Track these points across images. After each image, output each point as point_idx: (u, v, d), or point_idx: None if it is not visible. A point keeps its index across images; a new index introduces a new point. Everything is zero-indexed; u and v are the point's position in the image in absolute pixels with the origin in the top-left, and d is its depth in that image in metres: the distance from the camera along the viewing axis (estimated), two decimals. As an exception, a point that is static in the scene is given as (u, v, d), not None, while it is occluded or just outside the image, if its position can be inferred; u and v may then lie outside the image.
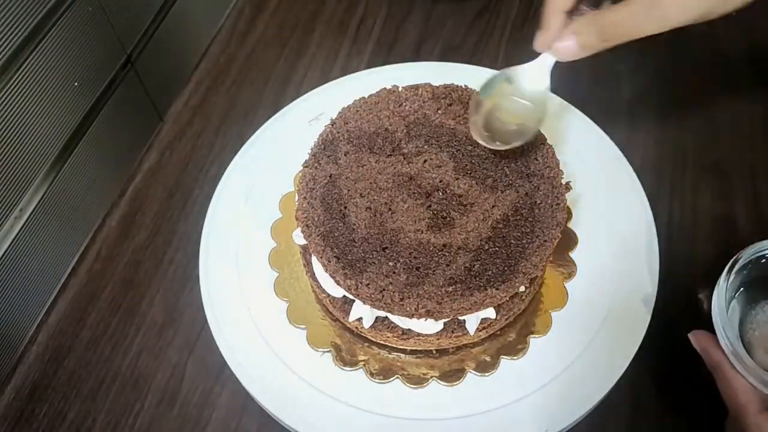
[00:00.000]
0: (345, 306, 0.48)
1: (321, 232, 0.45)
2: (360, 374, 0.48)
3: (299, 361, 0.48)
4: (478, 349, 0.49)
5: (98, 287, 0.57)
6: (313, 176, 0.48)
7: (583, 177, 0.55)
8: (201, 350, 0.52)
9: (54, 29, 0.52)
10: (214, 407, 0.50)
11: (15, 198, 0.51)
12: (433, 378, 0.47)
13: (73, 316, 0.55)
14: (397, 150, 0.48)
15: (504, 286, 0.43)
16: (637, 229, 0.53)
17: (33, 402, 0.51)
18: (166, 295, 0.56)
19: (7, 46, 0.48)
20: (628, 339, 0.47)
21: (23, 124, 0.50)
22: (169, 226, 0.60)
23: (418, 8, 0.75)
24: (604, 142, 0.57)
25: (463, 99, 0.51)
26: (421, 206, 0.46)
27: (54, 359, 0.53)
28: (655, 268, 0.50)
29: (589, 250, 0.52)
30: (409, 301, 0.42)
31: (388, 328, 0.47)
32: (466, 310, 0.43)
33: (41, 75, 0.51)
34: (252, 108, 0.67)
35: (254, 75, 0.70)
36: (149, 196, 0.62)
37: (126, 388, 0.51)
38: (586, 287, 0.51)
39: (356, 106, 0.51)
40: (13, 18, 0.48)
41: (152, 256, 0.58)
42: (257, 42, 0.73)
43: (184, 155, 0.64)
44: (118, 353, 0.53)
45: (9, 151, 0.49)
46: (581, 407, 0.45)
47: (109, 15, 0.59)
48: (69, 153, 0.56)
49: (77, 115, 0.57)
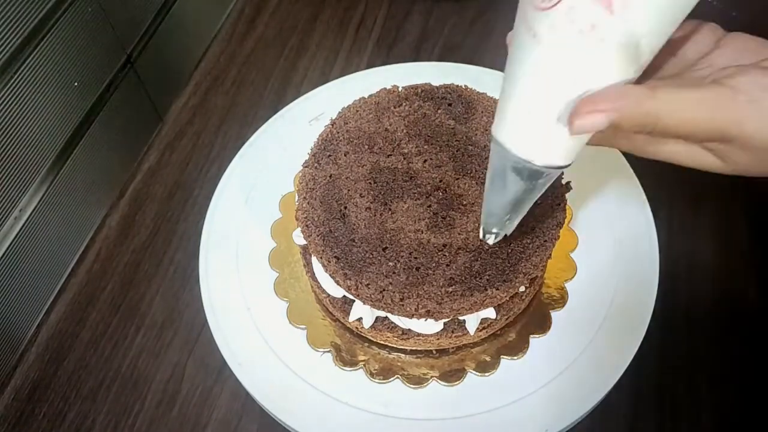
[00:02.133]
0: (345, 306, 0.48)
1: (321, 232, 0.45)
2: (360, 374, 0.48)
3: (299, 361, 0.48)
4: (478, 349, 0.49)
5: (98, 287, 0.57)
6: (313, 176, 0.48)
7: (583, 177, 0.55)
8: (201, 350, 0.52)
9: (54, 29, 0.52)
10: (214, 407, 0.50)
11: (15, 198, 0.51)
12: (433, 378, 0.47)
13: (73, 316, 0.55)
14: (397, 150, 0.48)
15: (504, 286, 0.43)
16: (637, 229, 0.53)
17: (33, 402, 0.51)
18: (166, 295, 0.56)
19: (7, 46, 0.48)
20: (628, 339, 0.47)
21: (23, 124, 0.50)
22: (169, 226, 0.60)
23: (418, 8, 0.75)
24: (604, 142, 0.57)
25: (463, 99, 0.51)
26: (421, 206, 0.46)
27: (54, 359, 0.53)
28: (655, 267, 0.50)
29: (589, 250, 0.52)
30: (409, 301, 0.42)
31: (388, 328, 0.47)
32: (466, 310, 0.43)
33: (41, 75, 0.51)
34: (252, 108, 0.67)
35: (254, 75, 0.70)
36: (149, 196, 0.62)
37: (126, 388, 0.51)
38: (586, 287, 0.51)
39: (356, 106, 0.51)
40: (13, 18, 0.48)
41: (152, 256, 0.58)
42: (257, 42, 0.73)
43: (184, 155, 0.64)
44: (118, 353, 0.53)
45: (9, 151, 0.49)
46: (581, 407, 0.45)
47: (109, 15, 0.59)
48: (69, 153, 0.56)
49: (77, 115, 0.57)
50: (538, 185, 0.33)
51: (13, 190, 0.51)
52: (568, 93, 0.29)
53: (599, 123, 0.28)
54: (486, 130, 0.49)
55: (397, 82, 0.52)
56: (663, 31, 0.28)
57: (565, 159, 0.31)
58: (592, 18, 0.26)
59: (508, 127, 0.31)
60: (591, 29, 0.26)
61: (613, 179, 0.55)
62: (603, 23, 0.26)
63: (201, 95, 0.69)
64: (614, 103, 0.28)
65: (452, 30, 0.73)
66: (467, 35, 0.72)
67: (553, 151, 0.31)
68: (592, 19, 0.26)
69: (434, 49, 0.71)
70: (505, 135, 0.31)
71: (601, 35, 0.27)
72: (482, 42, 0.71)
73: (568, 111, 0.29)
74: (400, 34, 0.73)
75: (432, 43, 0.72)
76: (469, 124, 0.49)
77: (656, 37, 0.28)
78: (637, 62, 0.28)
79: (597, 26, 0.26)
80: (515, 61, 0.30)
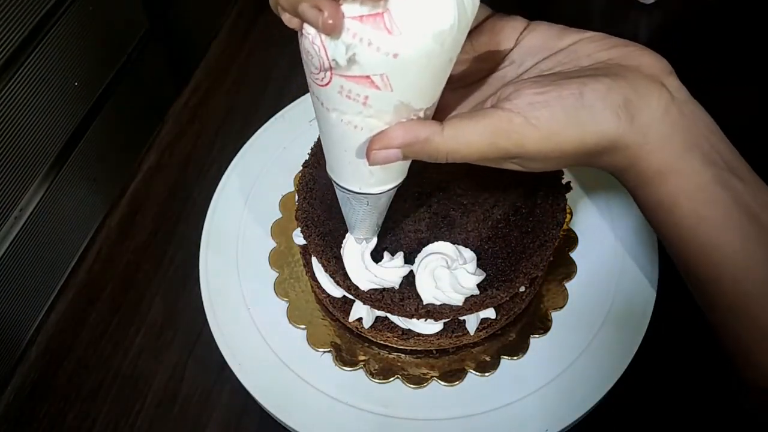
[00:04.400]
0: (345, 306, 0.48)
1: (321, 232, 0.45)
2: (360, 374, 0.48)
3: (299, 361, 0.48)
4: (478, 349, 0.49)
5: (98, 287, 0.57)
6: (313, 176, 0.48)
7: (583, 177, 0.55)
8: (201, 350, 0.52)
9: (54, 29, 0.52)
10: (214, 407, 0.50)
11: (15, 198, 0.51)
12: (433, 378, 0.47)
13: (73, 316, 0.55)
14: (397, 150, 0.48)
15: (504, 286, 0.43)
16: (637, 229, 0.53)
17: (33, 402, 0.51)
18: (166, 295, 0.56)
19: (7, 46, 0.48)
20: (628, 339, 0.47)
21: (23, 124, 0.50)
22: (169, 226, 0.60)
23: (418, 8, 0.74)
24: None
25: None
26: (421, 206, 0.46)
27: (54, 359, 0.53)
28: (655, 267, 0.50)
29: (589, 250, 0.52)
30: (409, 301, 0.42)
31: (388, 328, 0.47)
32: (466, 310, 0.43)
33: (41, 75, 0.51)
34: (252, 108, 0.67)
35: (254, 75, 0.70)
36: (149, 196, 0.62)
37: (126, 388, 0.51)
38: (586, 287, 0.51)
39: (356, 106, 0.51)
40: (13, 18, 0.48)
41: (152, 256, 0.58)
42: (257, 42, 0.73)
43: (184, 155, 0.64)
44: (118, 353, 0.53)
45: (9, 151, 0.49)
46: (581, 407, 0.45)
47: (109, 15, 0.59)
48: (69, 153, 0.56)
49: (77, 115, 0.57)
50: (380, 203, 0.39)
51: (13, 190, 0.51)
52: (359, 142, 0.33)
53: (392, 157, 0.32)
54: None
55: (397, 82, 0.52)
56: (429, 94, 0.32)
57: (381, 185, 0.37)
58: (363, 92, 0.30)
59: (333, 168, 0.37)
60: (365, 100, 0.30)
61: (613, 179, 0.55)
62: (373, 96, 0.30)
63: (201, 95, 0.69)
64: (404, 140, 0.32)
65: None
66: (467, 35, 0.72)
67: (366, 180, 0.36)
68: (363, 93, 0.30)
69: (434, 49, 0.71)
70: (333, 174, 0.37)
71: (375, 104, 0.31)
72: (482, 42, 0.71)
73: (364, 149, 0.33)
74: (400, 34, 0.72)
75: (432, 43, 0.71)
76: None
77: (424, 98, 0.32)
78: (417, 113, 0.32)
79: (369, 97, 0.30)
80: (318, 117, 0.34)
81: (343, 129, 0.32)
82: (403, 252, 0.43)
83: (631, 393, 0.48)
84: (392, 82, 0.29)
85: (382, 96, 0.30)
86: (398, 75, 0.29)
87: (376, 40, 0.28)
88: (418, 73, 0.30)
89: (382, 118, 0.32)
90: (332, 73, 0.30)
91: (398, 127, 0.32)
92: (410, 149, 0.32)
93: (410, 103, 0.31)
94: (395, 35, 0.28)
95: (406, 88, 0.30)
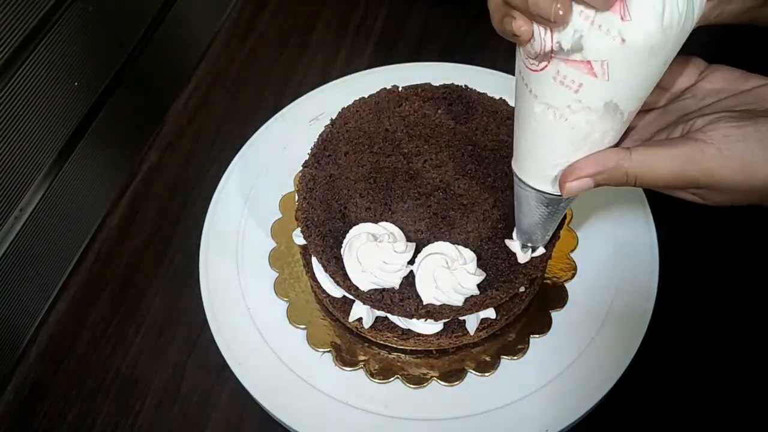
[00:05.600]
0: (345, 306, 0.48)
1: (321, 232, 0.45)
2: (360, 374, 0.48)
3: (299, 361, 0.48)
4: (478, 349, 0.49)
5: (98, 287, 0.57)
6: (313, 176, 0.48)
7: (583, 177, 0.55)
8: (201, 350, 0.52)
9: (54, 29, 0.52)
10: (214, 407, 0.50)
11: (15, 198, 0.51)
12: (433, 378, 0.47)
13: (73, 316, 0.55)
14: (397, 150, 0.48)
15: (504, 287, 0.43)
16: (637, 229, 0.53)
17: (33, 402, 0.51)
18: (166, 295, 0.56)
19: (6, 46, 0.48)
20: (628, 339, 0.47)
21: (23, 124, 0.50)
22: (169, 226, 0.60)
23: (418, 8, 0.75)
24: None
25: (463, 99, 0.51)
26: (421, 206, 0.46)
27: (54, 359, 0.53)
28: (655, 268, 0.50)
29: (589, 250, 0.52)
30: (409, 301, 0.42)
31: (388, 328, 0.47)
32: (466, 310, 0.43)
33: (41, 75, 0.51)
34: (252, 108, 0.67)
35: (254, 75, 0.70)
36: (149, 196, 0.62)
37: (126, 388, 0.51)
38: (586, 287, 0.51)
39: (356, 106, 0.51)
40: (12, 18, 0.48)
41: (152, 256, 0.58)
42: (257, 42, 0.73)
43: (184, 155, 0.64)
44: (118, 353, 0.53)
45: (9, 151, 0.49)
46: (581, 407, 0.45)
47: (109, 15, 0.59)
48: (69, 153, 0.56)
49: (77, 115, 0.57)
50: (560, 208, 0.38)
51: (13, 189, 0.51)
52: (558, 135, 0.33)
53: (585, 186, 0.34)
54: (486, 130, 0.49)
55: (397, 82, 0.52)
56: (637, 96, 0.32)
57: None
58: (578, 79, 0.30)
59: (521, 163, 0.36)
60: (578, 88, 0.31)
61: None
62: (587, 84, 0.30)
63: (201, 95, 0.69)
64: (596, 169, 0.33)
65: (452, 30, 0.73)
66: (467, 35, 0.72)
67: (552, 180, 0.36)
68: (578, 80, 0.30)
69: (434, 49, 0.71)
70: (519, 169, 0.37)
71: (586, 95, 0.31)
72: (482, 42, 0.71)
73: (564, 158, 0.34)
74: (400, 34, 0.72)
75: (432, 43, 0.72)
76: (469, 125, 0.49)
77: (632, 101, 0.32)
78: (617, 122, 0.33)
79: (583, 85, 0.30)
80: (520, 109, 0.34)
81: (545, 120, 0.33)
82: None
83: (631, 393, 0.48)
84: (611, 71, 0.30)
85: (596, 86, 0.30)
86: (619, 64, 0.29)
87: (607, 23, 0.28)
88: (637, 67, 0.30)
89: (587, 116, 0.32)
90: (551, 58, 0.30)
91: (588, 159, 0.34)
92: (601, 177, 0.34)
93: (618, 103, 0.31)
94: (627, 21, 0.28)
95: (620, 81, 0.30)
